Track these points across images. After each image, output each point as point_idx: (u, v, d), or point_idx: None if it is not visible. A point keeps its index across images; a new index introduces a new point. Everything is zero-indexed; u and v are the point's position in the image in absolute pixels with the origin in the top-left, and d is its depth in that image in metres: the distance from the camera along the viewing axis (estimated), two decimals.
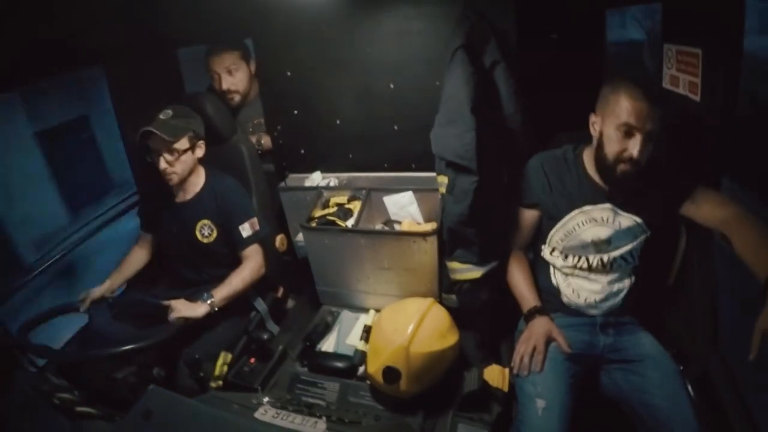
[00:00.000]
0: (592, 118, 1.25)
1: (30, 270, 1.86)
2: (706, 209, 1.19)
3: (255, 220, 1.62)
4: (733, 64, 1.13)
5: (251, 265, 1.60)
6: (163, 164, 1.50)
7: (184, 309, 1.44)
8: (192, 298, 1.50)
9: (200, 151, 1.59)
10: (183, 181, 1.58)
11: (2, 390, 1.22)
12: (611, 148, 1.19)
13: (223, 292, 1.52)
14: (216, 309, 1.49)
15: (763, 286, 0.97)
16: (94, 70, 1.98)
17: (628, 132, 1.15)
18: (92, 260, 3.24)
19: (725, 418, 1.06)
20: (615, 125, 1.17)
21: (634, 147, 1.14)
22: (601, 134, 1.22)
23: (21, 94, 5.12)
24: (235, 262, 1.63)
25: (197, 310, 1.46)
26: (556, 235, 1.34)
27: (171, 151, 1.50)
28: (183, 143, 1.51)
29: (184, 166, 1.54)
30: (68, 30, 1.32)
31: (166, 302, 1.46)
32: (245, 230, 1.59)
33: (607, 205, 1.28)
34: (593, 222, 1.29)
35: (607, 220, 1.28)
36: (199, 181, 1.63)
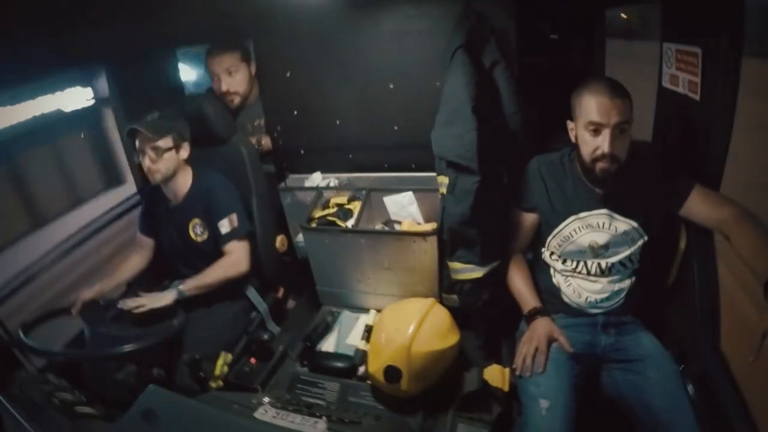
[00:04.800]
0: (569, 126, 1.24)
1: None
2: (704, 210, 1.19)
3: (234, 216, 1.61)
4: (733, 64, 1.13)
5: (226, 261, 1.60)
6: (147, 162, 1.53)
7: (148, 301, 1.50)
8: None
9: (184, 153, 1.60)
10: (168, 181, 1.59)
11: (2, 390, 1.22)
12: (585, 149, 1.19)
13: (192, 282, 1.56)
14: (184, 296, 1.53)
15: (764, 287, 0.97)
16: None
17: (595, 129, 1.15)
18: None
19: (725, 418, 1.06)
20: (583, 125, 1.17)
21: (603, 142, 1.14)
22: (576, 138, 1.22)
23: None
24: None
25: (162, 298, 1.51)
26: (554, 240, 1.34)
27: (155, 149, 1.52)
28: (166, 142, 1.53)
29: (168, 164, 1.55)
30: (68, 29, 1.32)
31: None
32: (223, 227, 1.60)
33: (603, 211, 1.27)
34: (589, 228, 1.29)
35: (604, 225, 1.28)
36: (187, 182, 1.64)
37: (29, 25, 1.10)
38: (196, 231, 1.63)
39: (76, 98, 2.44)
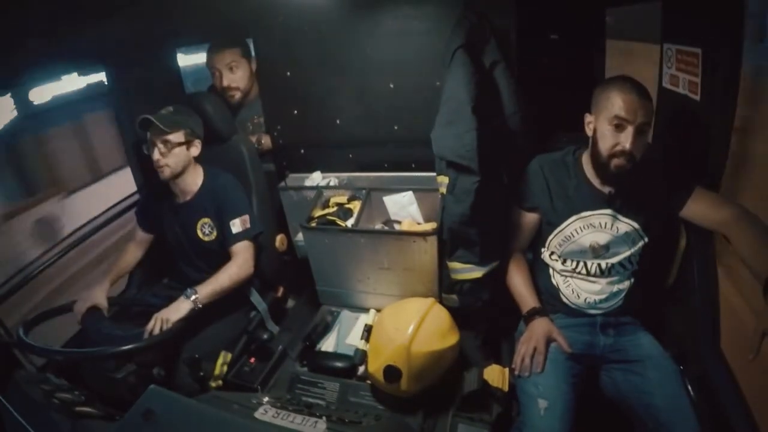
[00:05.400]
0: (587, 119, 1.25)
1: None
2: (704, 211, 1.19)
3: (246, 217, 1.60)
4: (733, 64, 1.13)
5: (239, 261, 1.57)
6: (156, 155, 1.52)
7: (165, 313, 1.41)
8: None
9: (195, 150, 1.59)
10: (177, 177, 1.58)
11: (2, 390, 1.22)
12: (604, 144, 1.19)
13: (208, 288, 1.49)
14: (200, 306, 1.46)
15: (764, 287, 0.97)
16: None
17: (619, 125, 1.15)
18: None
19: (725, 419, 1.06)
20: (607, 120, 1.17)
21: (626, 140, 1.15)
22: (595, 132, 1.22)
23: None
24: None
25: (179, 309, 1.43)
26: (555, 240, 1.34)
27: (165, 143, 1.51)
28: (178, 136, 1.53)
29: (177, 160, 1.54)
30: (68, 30, 1.32)
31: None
32: (235, 226, 1.58)
33: (607, 211, 1.27)
34: (591, 228, 1.29)
35: (606, 226, 1.28)
36: (197, 181, 1.63)
37: (30, 25, 1.10)
38: (204, 230, 1.62)
39: None
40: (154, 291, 1.75)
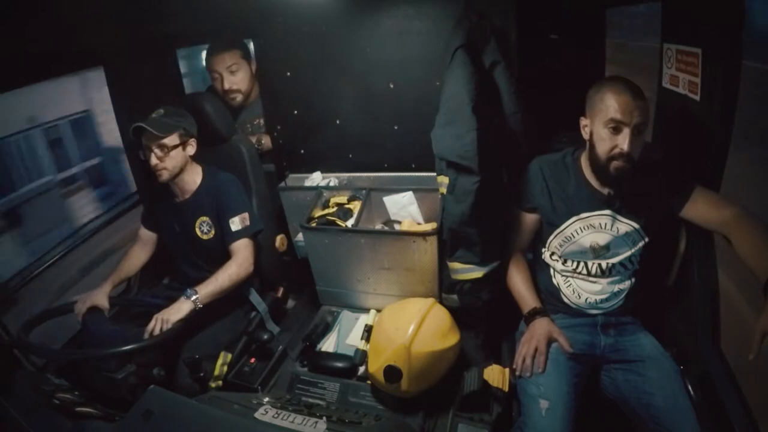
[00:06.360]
0: (583, 122, 1.24)
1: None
2: (704, 211, 1.19)
3: (246, 215, 1.60)
4: (733, 64, 1.13)
5: (238, 260, 1.57)
6: (153, 160, 1.51)
7: (165, 313, 1.40)
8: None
9: (191, 149, 1.59)
10: (175, 178, 1.58)
11: (2, 390, 1.22)
12: (602, 147, 1.19)
13: (208, 288, 1.48)
14: (200, 306, 1.45)
15: (764, 287, 0.97)
16: None
17: (615, 128, 1.15)
18: None
19: (725, 419, 1.06)
20: (603, 123, 1.17)
21: (623, 142, 1.14)
22: (591, 135, 1.22)
23: None
24: None
25: (180, 309, 1.42)
26: (555, 240, 1.34)
27: (161, 147, 1.50)
28: (173, 139, 1.52)
29: (174, 162, 1.54)
30: (68, 30, 1.32)
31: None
32: (234, 224, 1.58)
33: (606, 212, 1.27)
34: (591, 228, 1.29)
35: (606, 226, 1.28)
36: (196, 179, 1.63)
37: (30, 26, 1.10)
38: (203, 229, 1.62)
39: None
40: (155, 291, 1.75)
